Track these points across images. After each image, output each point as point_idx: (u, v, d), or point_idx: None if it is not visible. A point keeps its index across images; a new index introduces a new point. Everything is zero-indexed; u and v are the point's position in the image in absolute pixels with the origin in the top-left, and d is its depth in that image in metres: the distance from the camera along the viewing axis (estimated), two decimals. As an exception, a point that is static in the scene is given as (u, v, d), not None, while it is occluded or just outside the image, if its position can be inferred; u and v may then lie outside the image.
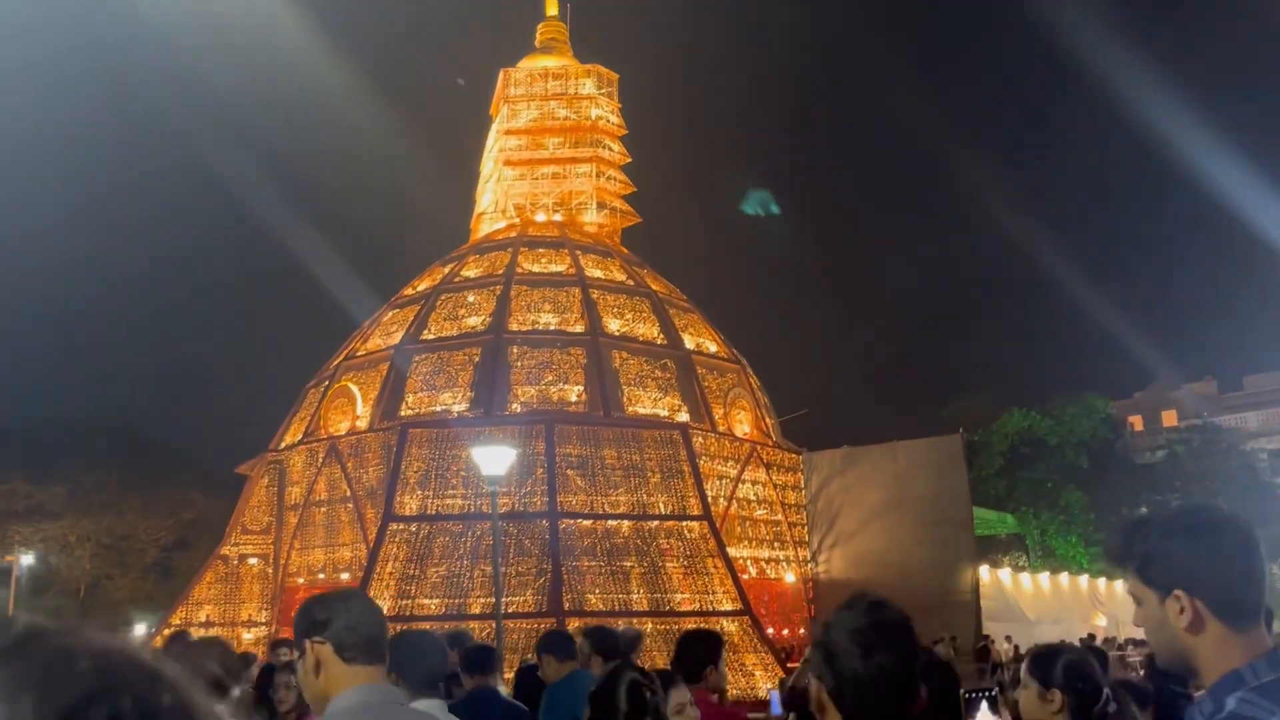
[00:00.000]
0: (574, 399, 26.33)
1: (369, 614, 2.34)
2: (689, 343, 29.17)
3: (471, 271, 30.14)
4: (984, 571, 26.91)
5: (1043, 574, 32.27)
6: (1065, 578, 32.63)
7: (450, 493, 24.03)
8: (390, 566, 23.16)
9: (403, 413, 26.20)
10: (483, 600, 22.17)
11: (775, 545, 27.89)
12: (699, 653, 4.65)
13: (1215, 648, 1.68)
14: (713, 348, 30.28)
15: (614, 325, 28.14)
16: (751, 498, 27.67)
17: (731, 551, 25.25)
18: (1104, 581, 34.87)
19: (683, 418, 26.94)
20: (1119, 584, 35.02)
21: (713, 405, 28.03)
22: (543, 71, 34.29)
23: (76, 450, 39.73)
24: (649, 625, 21.10)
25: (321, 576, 25.77)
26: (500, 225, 33.35)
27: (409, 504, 24.11)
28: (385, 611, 22.49)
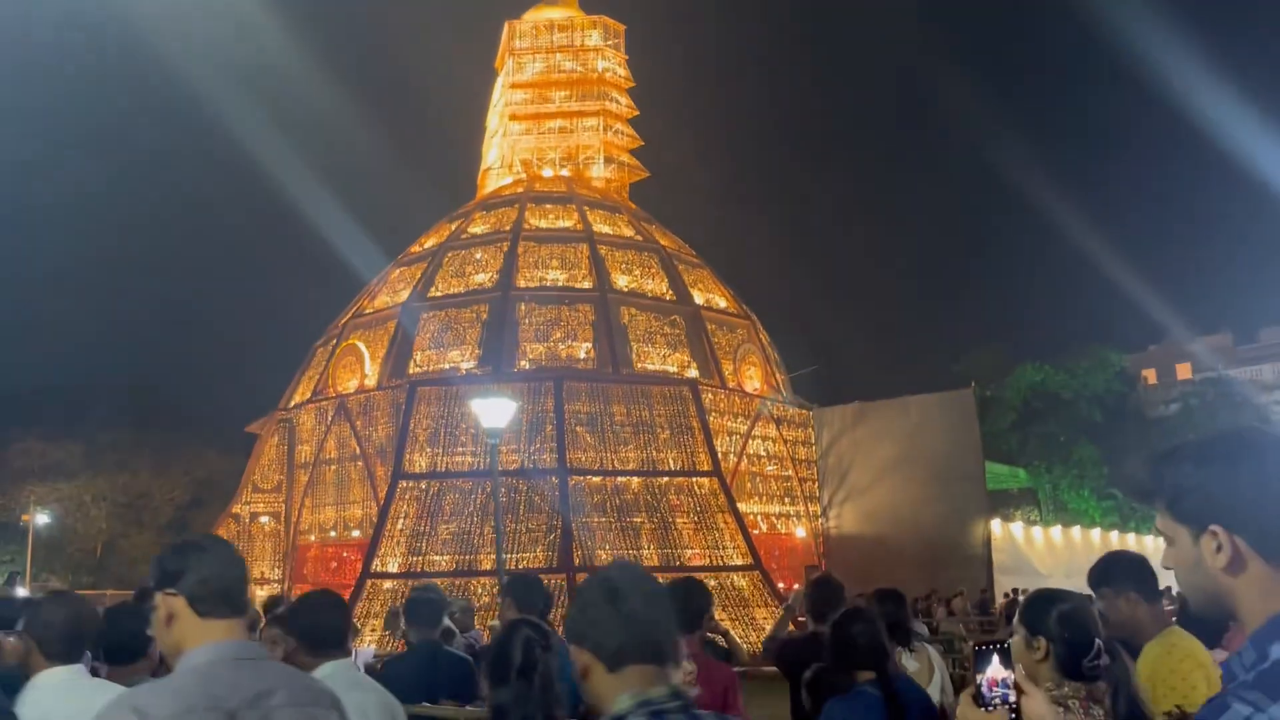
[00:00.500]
0: (582, 355, 26.25)
1: (227, 565, 2.26)
2: (698, 298, 28.99)
3: (478, 228, 29.96)
4: (996, 526, 26.82)
5: (1055, 528, 32.30)
6: (1078, 531, 32.66)
7: (460, 450, 24.08)
8: (401, 524, 23.31)
9: (411, 371, 26.18)
10: (493, 556, 22.24)
11: (786, 501, 27.88)
12: (700, 601, 4.54)
13: (1258, 590, 1.46)
14: (722, 303, 30.08)
15: (622, 281, 27.97)
16: (762, 453, 27.67)
17: (742, 507, 25.29)
18: (1116, 535, 34.93)
19: (692, 374, 26.86)
20: (1131, 537, 35.22)
21: (722, 361, 27.87)
22: (548, 23, 33.77)
23: (91, 410, 40.13)
24: (659, 579, 21.17)
25: (333, 534, 26.00)
26: (507, 181, 33.05)
27: (418, 461, 24.21)
28: (396, 568, 22.64)
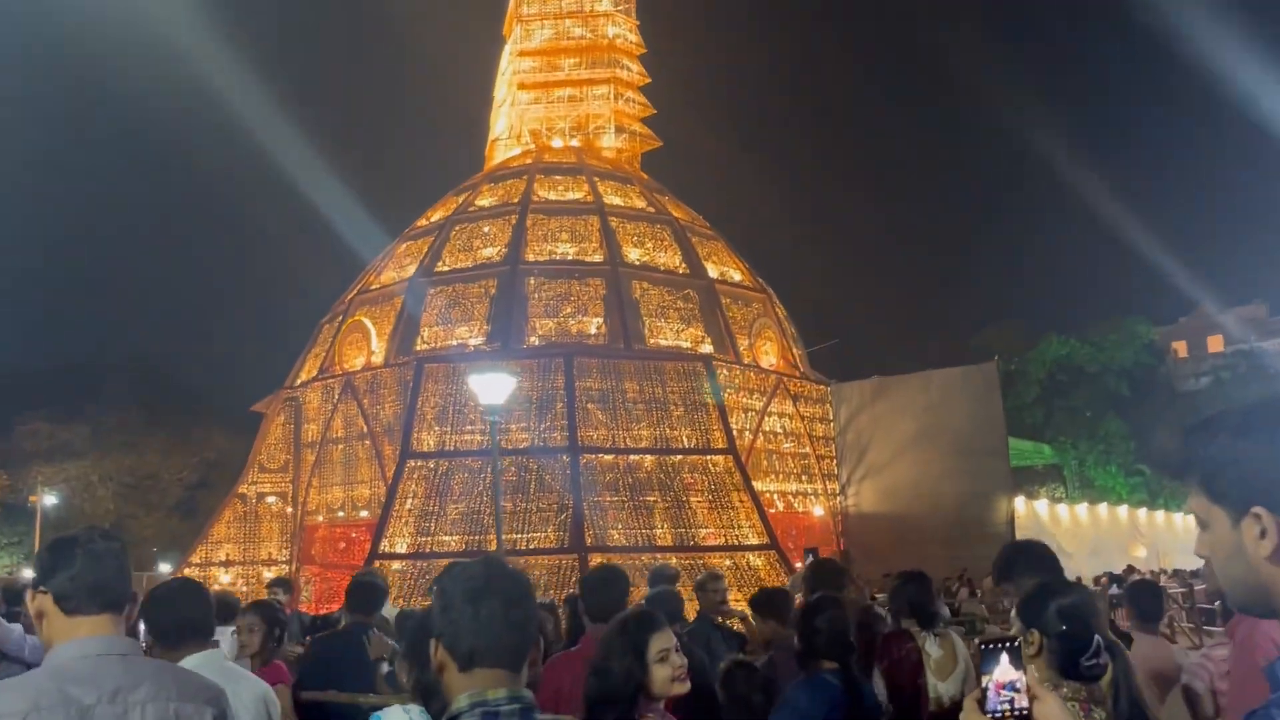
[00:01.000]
0: (593, 331, 26.01)
1: (100, 559, 2.21)
2: (712, 271, 28.66)
3: (486, 201, 29.58)
4: (1020, 503, 26.64)
5: (1081, 505, 32.05)
6: (1104, 508, 32.34)
7: (468, 428, 23.83)
8: (409, 503, 23.14)
9: (418, 348, 25.98)
10: (503, 536, 22.01)
11: (803, 478, 27.59)
12: (616, 592, 4.20)
13: None
14: (737, 276, 29.73)
15: (634, 254, 27.64)
16: (778, 430, 27.35)
17: (758, 485, 25.08)
18: (1144, 512, 34.43)
19: (706, 349, 26.54)
20: (1160, 514, 34.71)
21: (737, 336, 27.58)
22: (556, -14, 33.15)
23: (98, 390, 40.07)
24: (673, 559, 20.82)
25: (341, 514, 25.79)
26: (515, 152, 32.70)
27: (427, 440, 24.02)
28: (405, 549, 22.32)
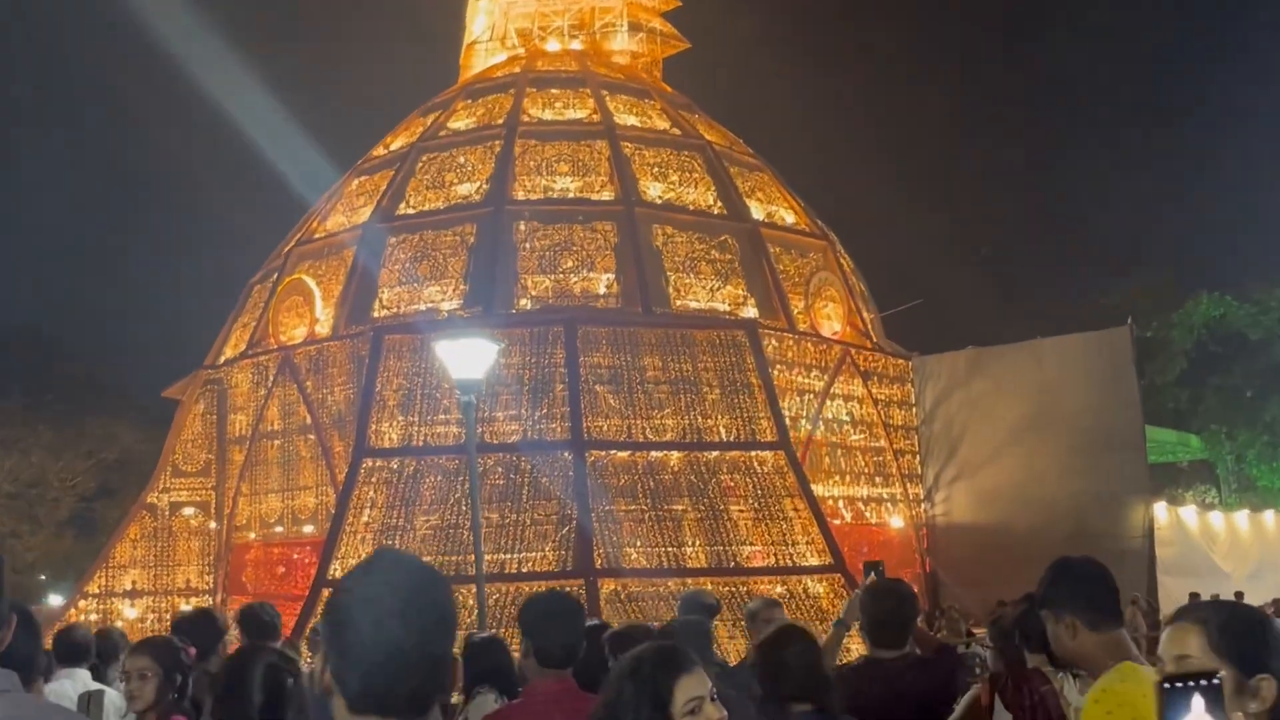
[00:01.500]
0: (602, 291, 26.07)
1: None
2: (757, 212, 28.60)
3: (461, 122, 29.62)
4: (1160, 510, 26.69)
5: (1240, 512, 31.95)
6: (1270, 516, 32.16)
7: (442, 417, 24.05)
8: (366, 515, 23.36)
9: (376, 314, 26.14)
10: (489, 556, 22.17)
11: (877, 481, 27.87)
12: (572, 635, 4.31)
13: None
14: (790, 218, 29.63)
15: (654, 190, 27.63)
16: (844, 418, 27.40)
17: (818, 489, 25.10)
18: (1322, 522, 34.12)
19: (749, 313, 26.50)
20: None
21: (790, 296, 27.61)
22: None
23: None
24: (708, 585, 20.88)
25: (278, 530, 26.09)
26: (499, 59, 32.76)
27: (388, 433, 24.23)
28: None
